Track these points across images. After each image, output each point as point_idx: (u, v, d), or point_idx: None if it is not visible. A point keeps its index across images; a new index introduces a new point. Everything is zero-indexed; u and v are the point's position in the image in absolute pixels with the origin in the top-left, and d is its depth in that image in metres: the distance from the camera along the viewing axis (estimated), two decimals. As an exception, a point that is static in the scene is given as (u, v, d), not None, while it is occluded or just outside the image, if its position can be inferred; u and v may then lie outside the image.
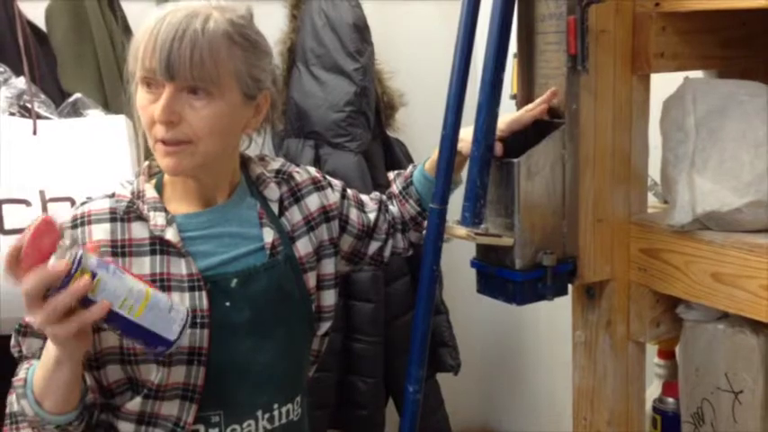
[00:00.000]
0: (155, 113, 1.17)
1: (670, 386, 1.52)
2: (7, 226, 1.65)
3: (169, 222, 1.23)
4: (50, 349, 1.11)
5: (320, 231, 1.39)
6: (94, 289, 1.06)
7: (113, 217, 1.23)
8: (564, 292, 1.32)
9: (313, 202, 1.40)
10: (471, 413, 3.06)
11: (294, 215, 1.37)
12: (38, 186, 1.71)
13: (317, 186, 1.41)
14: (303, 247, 1.35)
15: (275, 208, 1.34)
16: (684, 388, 1.40)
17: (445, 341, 2.58)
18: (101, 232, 1.21)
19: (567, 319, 1.44)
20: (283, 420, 1.31)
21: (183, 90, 1.17)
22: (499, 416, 3.11)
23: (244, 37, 1.22)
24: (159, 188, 1.28)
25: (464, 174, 1.35)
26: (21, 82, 1.84)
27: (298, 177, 1.40)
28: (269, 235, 1.30)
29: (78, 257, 1.06)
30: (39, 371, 1.14)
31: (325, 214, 1.40)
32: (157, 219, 1.22)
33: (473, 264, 1.34)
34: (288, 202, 1.37)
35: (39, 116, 1.79)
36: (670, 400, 1.52)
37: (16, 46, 1.92)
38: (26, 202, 1.69)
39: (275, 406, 1.30)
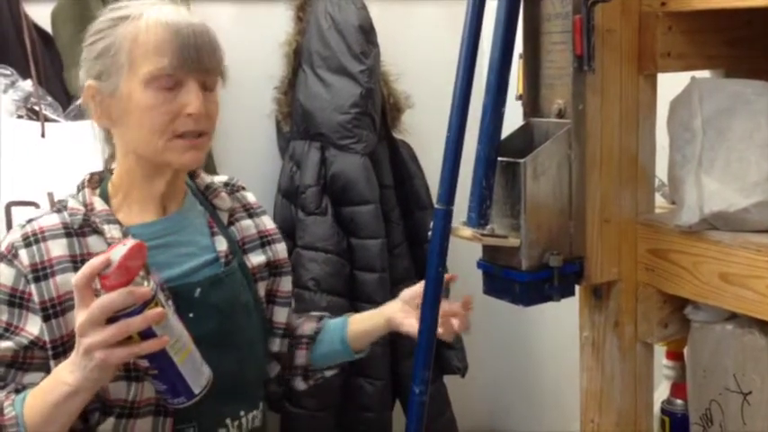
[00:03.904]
0: (187, 107, 1.18)
1: (678, 387, 1.52)
2: (16, 227, 1.66)
3: (125, 234, 1.21)
4: (64, 381, 1.07)
5: (276, 249, 1.42)
6: (160, 322, 1.06)
7: (68, 232, 1.20)
8: (571, 293, 1.31)
9: (269, 222, 1.44)
10: (478, 415, 3.05)
11: (247, 227, 1.39)
12: (46, 188, 1.71)
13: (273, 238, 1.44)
14: (255, 257, 1.37)
15: (224, 217, 1.36)
16: (692, 389, 1.39)
17: (451, 343, 2.57)
18: (58, 248, 1.18)
19: (574, 320, 1.44)
20: (250, 427, 1.33)
21: (198, 83, 1.20)
22: (506, 418, 3.10)
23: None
24: (105, 200, 1.25)
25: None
26: (27, 85, 1.85)
27: (250, 199, 1.44)
28: (221, 244, 1.31)
29: (156, 288, 1.07)
30: (36, 403, 1.11)
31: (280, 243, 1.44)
32: (113, 232, 1.20)
33: (479, 265, 1.33)
34: (239, 215, 1.39)
35: (46, 119, 1.80)
36: (678, 401, 1.51)
37: (22, 49, 1.93)
38: (35, 204, 1.69)
39: (242, 413, 1.31)
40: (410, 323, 1.39)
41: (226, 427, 1.29)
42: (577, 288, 1.36)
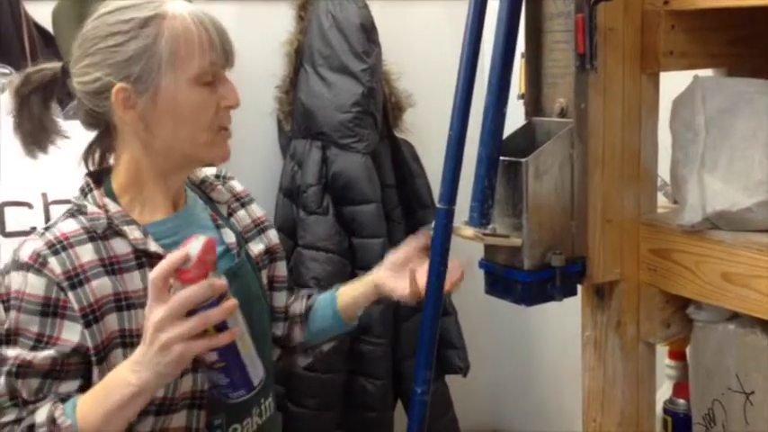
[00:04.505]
0: (230, 101, 1.22)
1: (681, 387, 1.51)
2: (9, 228, 1.65)
3: (145, 234, 1.21)
4: (128, 383, 1.07)
5: (269, 235, 1.44)
6: (233, 312, 1.08)
7: (92, 236, 1.19)
8: (573, 292, 1.31)
9: (258, 210, 1.45)
10: (480, 415, 3.05)
11: (243, 218, 1.41)
12: (40, 189, 1.70)
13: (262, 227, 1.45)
14: (255, 246, 1.39)
15: (224, 210, 1.37)
16: (695, 389, 1.39)
17: (453, 343, 2.57)
18: (87, 253, 1.17)
19: (577, 319, 1.43)
20: (267, 414, 1.36)
21: None
22: (508, 418, 3.10)
23: None
24: (112, 200, 1.24)
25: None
26: (27, 84, 1.84)
27: (238, 188, 1.45)
28: (230, 236, 1.32)
29: (226, 281, 1.08)
30: (92, 409, 1.10)
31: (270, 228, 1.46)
32: (134, 233, 1.20)
33: (481, 264, 1.33)
34: (234, 205, 1.41)
35: (45, 118, 1.79)
36: (681, 401, 1.51)
37: (22, 47, 1.93)
38: (28, 205, 1.68)
39: (262, 401, 1.34)
40: (401, 287, 1.40)
41: (250, 415, 1.31)
42: (579, 288, 1.35)
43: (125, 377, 1.07)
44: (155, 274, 1.04)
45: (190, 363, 1.11)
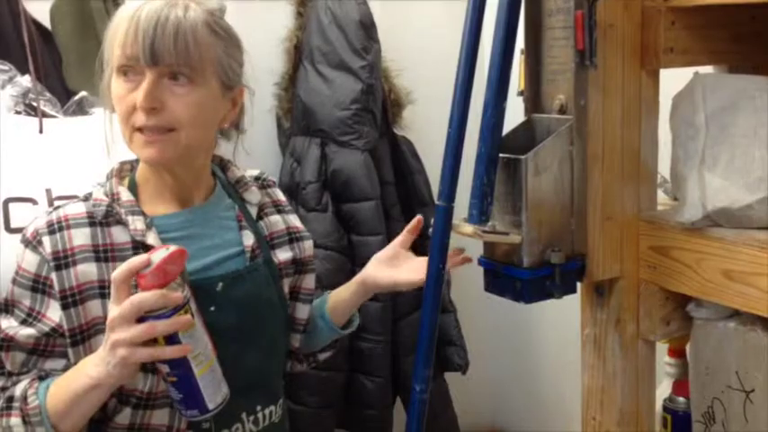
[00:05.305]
0: (136, 100, 1.15)
1: (681, 385, 1.51)
2: (14, 224, 1.65)
3: (148, 226, 1.21)
4: (87, 374, 1.09)
5: (303, 246, 1.42)
6: (187, 330, 1.08)
7: (92, 221, 1.21)
8: (572, 290, 1.31)
9: (296, 221, 1.44)
10: (480, 413, 3.05)
11: (276, 223, 1.39)
12: (44, 185, 1.71)
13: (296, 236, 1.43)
14: (282, 253, 1.37)
15: (254, 212, 1.36)
16: (695, 387, 1.39)
17: (453, 340, 2.57)
18: (81, 237, 1.19)
19: (576, 317, 1.43)
20: (266, 422, 1.33)
21: (165, 76, 1.17)
22: (508, 416, 3.10)
23: (222, 28, 1.24)
24: (133, 190, 1.26)
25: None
26: (26, 80, 1.84)
27: (280, 196, 1.44)
28: (249, 238, 1.30)
29: (189, 297, 1.09)
30: (59, 393, 1.13)
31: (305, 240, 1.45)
32: (136, 223, 1.21)
33: (480, 262, 1.33)
34: (269, 210, 1.39)
35: (44, 114, 1.79)
36: (681, 399, 1.51)
37: (21, 44, 1.92)
38: (32, 201, 1.69)
39: (258, 408, 1.32)
40: (389, 274, 1.45)
41: (241, 421, 1.29)
42: (579, 285, 1.35)
43: (87, 368, 1.10)
44: (115, 273, 1.07)
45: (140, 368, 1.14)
